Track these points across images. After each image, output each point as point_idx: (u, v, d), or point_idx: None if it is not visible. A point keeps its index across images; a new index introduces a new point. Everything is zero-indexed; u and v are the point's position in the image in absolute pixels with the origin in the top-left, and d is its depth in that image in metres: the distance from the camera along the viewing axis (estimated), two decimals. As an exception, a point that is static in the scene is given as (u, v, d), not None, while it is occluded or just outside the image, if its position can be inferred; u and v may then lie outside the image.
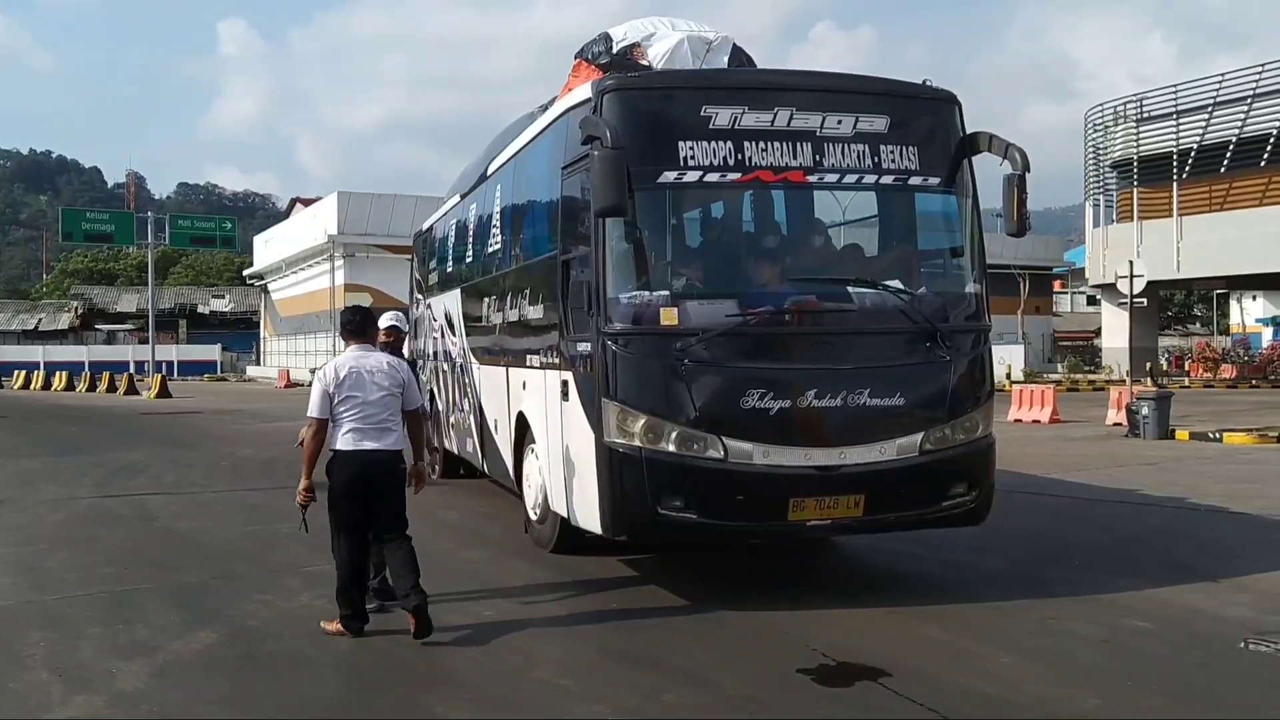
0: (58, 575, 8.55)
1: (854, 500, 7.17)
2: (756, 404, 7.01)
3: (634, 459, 6.99)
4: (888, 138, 7.57)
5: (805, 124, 7.40)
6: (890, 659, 6.01)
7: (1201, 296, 71.81)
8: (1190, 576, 8.21)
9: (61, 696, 5.61)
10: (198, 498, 12.93)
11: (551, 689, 5.72)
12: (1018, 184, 7.65)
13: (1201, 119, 38.40)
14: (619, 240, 7.15)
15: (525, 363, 9.16)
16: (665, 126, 7.34)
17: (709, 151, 7.24)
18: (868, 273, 7.88)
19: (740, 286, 7.54)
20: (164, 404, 34.87)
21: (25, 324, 75.84)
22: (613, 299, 7.13)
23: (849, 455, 7.15)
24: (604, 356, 7.14)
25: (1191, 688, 5.80)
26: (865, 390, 7.18)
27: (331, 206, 52.01)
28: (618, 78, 7.88)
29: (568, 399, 7.78)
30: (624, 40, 9.06)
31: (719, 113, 7.28)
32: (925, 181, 7.74)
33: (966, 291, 7.96)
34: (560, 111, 8.34)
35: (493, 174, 11.11)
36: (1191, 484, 13.18)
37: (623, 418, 7.05)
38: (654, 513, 7.01)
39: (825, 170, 7.47)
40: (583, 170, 7.34)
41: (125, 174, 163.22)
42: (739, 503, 7.08)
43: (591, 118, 7.25)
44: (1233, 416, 23.80)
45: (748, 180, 7.43)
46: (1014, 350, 46.30)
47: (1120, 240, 40.96)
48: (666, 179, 7.22)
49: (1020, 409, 24.60)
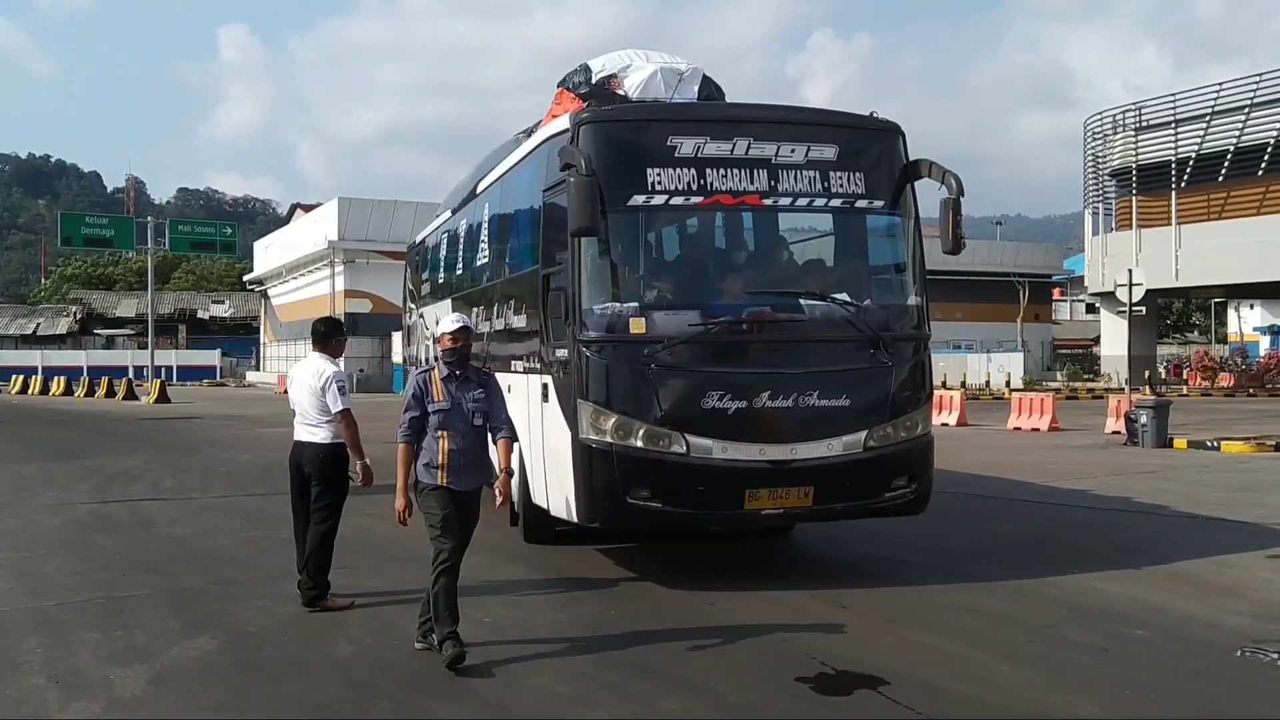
0: (55, 581, 8.54)
1: (804, 491, 7.87)
2: (716, 404, 7.70)
3: (606, 454, 7.68)
4: (837, 164, 8.31)
5: (761, 152, 8.15)
6: (889, 667, 6.00)
7: (1200, 305, 71.97)
8: (1187, 584, 8.22)
9: (59, 703, 5.60)
10: (196, 503, 12.92)
11: (549, 696, 5.71)
12: (953, 206, 8.30)
13: (1200, 128, 38.50)
14: (593, 257, 7.84)
15: (510, 368, 9.77)
16: (635, 155, 8.03)
17: (674, 177, 7.95)
18: (817, 286, 8.53)
19: (702, 299, 8.22)
20: (163, 409, 34.84)
21: (24, 328, 75.78)
22: (587, 309, 7.81)
23: (799, 451, 7.83)
24: (579, 361, 7.81)
25: (1189, 696, 5.79)
26: (815, 392, 7.90)
27: (332, 212, 52.03)
28: (592, 110, 8.57)
29: (548, 400, 8.46)
30: (602, 71, 9.76)
31: (683, 142, 8.00)
32: (871, 204, 8.45)
33: (908, 304, 8.59)
34: (542, 139, 9.09)
35: (481, 192, 11.85)
36: (1189, 492, 13.19)
37: (596, 417, 7.72)
38: (624, 502, 7.71)
39: (779, 194, 8.20)
40: (561, 193, 7.93)
41: (125, 178, 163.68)
42: (700, 493, 7.77)
43: (569, 147, 7.94)
44: (1231, 425, 23.83)
45: (709, 203, 8.17)
46: (1013, 358, 46.37)
47: (1119, 248, 41.03)
48: (636, 202, 7.91)
49: (1019, 417, 24.62)
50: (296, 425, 7.62)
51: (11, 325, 76.40)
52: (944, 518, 11.08)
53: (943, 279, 41.56)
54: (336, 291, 51.58)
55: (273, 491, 12.89)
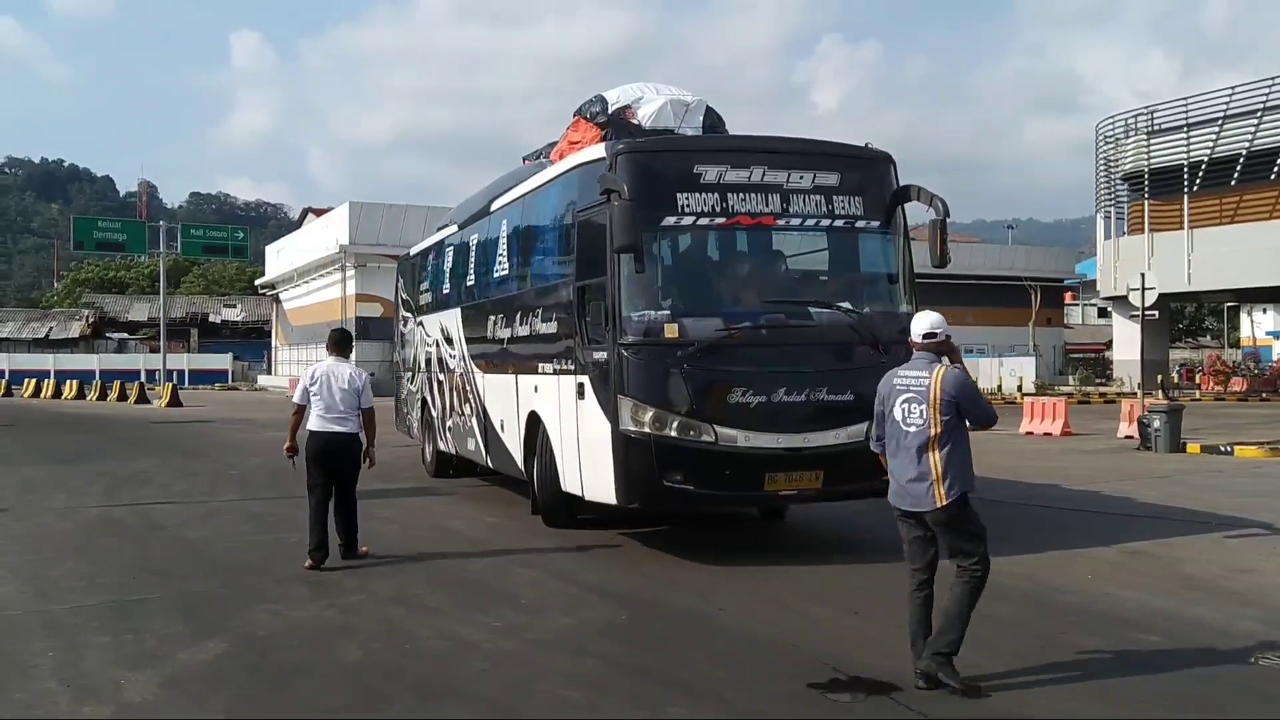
0: (65, 584, 8.55)
1: (815, 475, 9.02)
2: (739, 399, 8.85)
3: (644, 442, 8.76)
4: (838, 189, 9.45)
5: (774, 179, 9.28)
6: (901, 673, 5.96)
7: (1212, 309, 71.65)
8: (1199, 590, 8.18)
9: (69, 706, 5.61)
10: (206, 507, 12.94)
11: (557, 701, 5.70)
12: (940, 226, 9.63)
13: (1212, 132, 38.37)
14: (631, 271, 8.79)
15: (537, 370, 10.81)
16: (667, 181, 9.12)
17: (700, 201, 9.06)
18: (824, 296, 9.84)
19: (726, 307, 9.36)
20: (174, 413, 34.94)
21: (36, 332, 76.12)
22: (627, 316, 8.86)
23: (811, 439, 8.98)
24: (619, 362, 8.87)
25: (1203, 703, 5.75)
26: (823, 388, 9.06)
27: (343, 216, 52.13)
28: (628, 142, 9.62)
29: (583, 398, 9.46)
30: (617, 103, 10.95)
31: (707, 170, 9.14)
32: (868, 224, 9.63)
33: (900, 311, 9.58)
34: (573, 165, 10.20)
35: (497, 210, 12.77)
36: (1202, 497, 13.12)
37: (635, 410, 8.79)
38: (660, 485, 8.79)
39: (790, 215, 9.37)
40: (596, 213, 9.10)
41: (137, 183, 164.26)
42: (726, 476, 8.89)
43: (609, 175, 8.91)
44: (1244, 430, 23.72)
45: (730, 224, 9.30)
46: (1025, 362, 46.11)
47: (1131, 253, 40.88)
48: (667, 223, 9.04)
49: (1031, 421, 24.52)
50: (322, 417, 9.05)
51: (24, 329, 76.74)
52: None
53: (954, 283, 41.45)
54: (347, 295, 51.68)
55: (282, 495, 12.92)
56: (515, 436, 11.67)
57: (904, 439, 5.86)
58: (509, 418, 11.93)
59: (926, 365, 5.91)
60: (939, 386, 5.76)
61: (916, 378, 5.89)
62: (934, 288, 16.88)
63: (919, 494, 5.79)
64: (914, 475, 5.81)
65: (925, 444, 5.76)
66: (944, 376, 5.79)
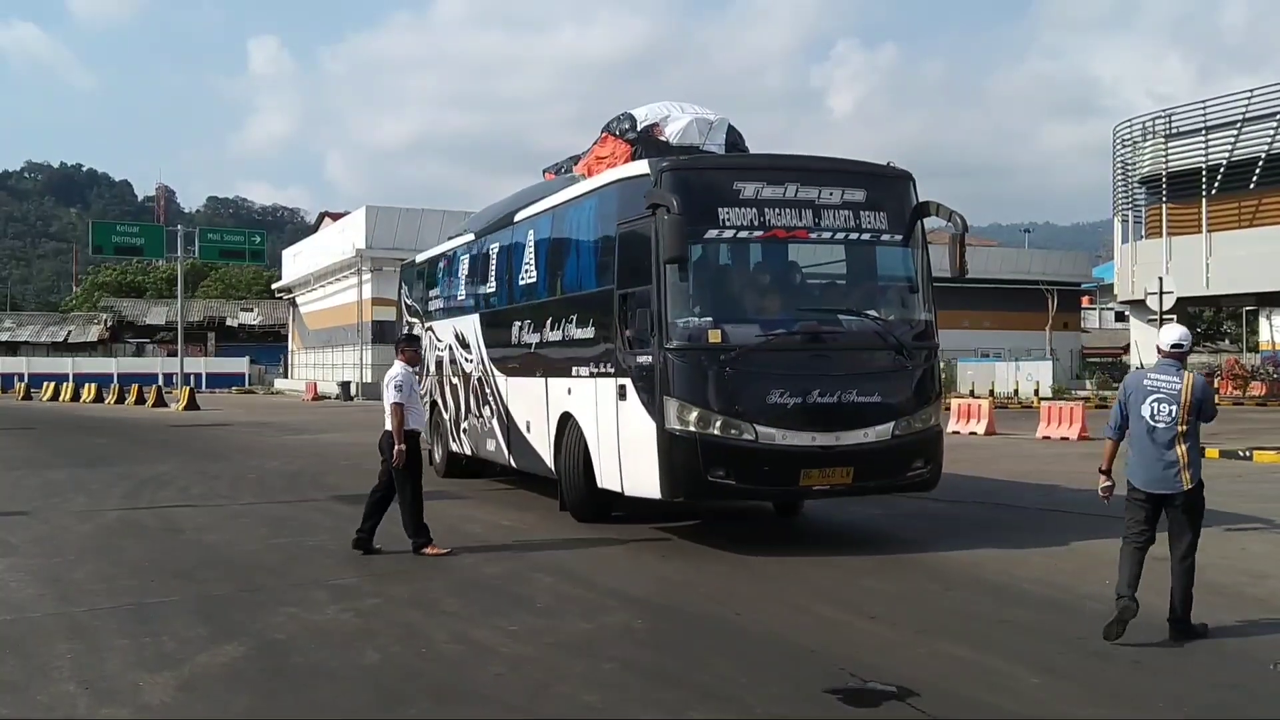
0: (85, 587, 8.59)
1: (846, 471, 9.53)
2: (777, 400, 9.38)
3: (689, 440, 9.25)
4: (864, 205, 10.04)
5: (807, 195, 9.87)
6: (919, 679, 5.95)
7: (1231, 313, 71.18)
8: (1221, 595, 8.12)
9: (88, 708, 5.63)
10: (224, 510, 12.98)
11: (575, 704, 5.69)
12: (959, 240, 10.39)
13: (1230, 135, 38.10)
14: (676, 279, 9.38)
15: (570, 373, 11.23)
16: (709, 196, 9.65)
17: (739, 215, 9.62)
18: (853, 304, 10.36)
19: (764, 314, 9.98)
20: (192, 416, 35.11)
21: (55, 336, 76.66)
22: (672, 323, 9.37)
23: (842, 438, 9.50)
24: (665, 366, 9.38)
25: (1223, 710, 5.72)
26: (854, 390, 9.62)
27: (360, 221, 52.36)
28: (673, 160, 10.14)
29: (625, 399, 9.99)
30: (645, 120, 11.62)
31: (746, 187, 9.72)
32: (891, 238, 10.24)
33: (921, 319, 10.37)
34: (613, 179, 10.76)
35: (522, 220, 13.19)
36: (1223, 503, 13.00)
37: (681, 410, 9.29)
38: (705, 480, 9.29)
39: (822, 229, 9.96)
40: (641, 225, 9.65)
41: (155, 187, 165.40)
42: (765, 472, 9.44)
43: (655, 190, 9.46)
44: (1263, 435, 23.57)
45: (767, 236, 9.90)
46: (1042, 366, 45.75)
47: (1149, 256, 40.61)
48: (710, 235, 9.59)
49: (1049, 426, 24.38)
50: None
51: (43, 333, 77.28)
52: (974, 529, 11.04)
53: (970, 288, 41.24)
54: (364, 299, 51.87)
55: (301, 499, 12.98)
56: (544, 437, 12.03)
57: (1153, 433, 6.78)
58: (537, 419, 12.28)
59: (1176, 372, 6.81)
60: (1190, 392, 6.73)
61: (1168, 382, 6.77)
62: (952, 292, 16.88)
63: (1169, 479, 6.80)
64: (1164, 463, 6.78)
65: (1173, 438, 6.73)
66: (1194, 383, 6.77)
